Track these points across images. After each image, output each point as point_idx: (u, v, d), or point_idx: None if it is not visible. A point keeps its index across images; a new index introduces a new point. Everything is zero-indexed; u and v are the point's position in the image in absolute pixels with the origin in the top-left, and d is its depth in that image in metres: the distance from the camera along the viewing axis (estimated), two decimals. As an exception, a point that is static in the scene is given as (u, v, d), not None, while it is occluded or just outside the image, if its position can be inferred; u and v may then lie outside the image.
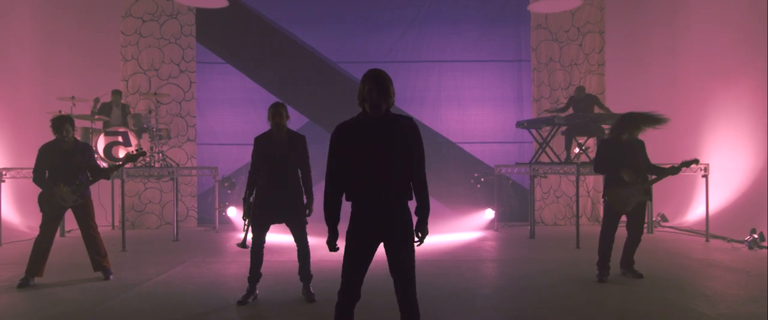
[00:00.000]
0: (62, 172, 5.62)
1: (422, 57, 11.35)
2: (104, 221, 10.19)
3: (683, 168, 5.71)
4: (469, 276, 6.28)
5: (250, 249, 4.94)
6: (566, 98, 10.63)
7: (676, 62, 10.56)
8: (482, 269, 6.77)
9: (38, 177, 5.67)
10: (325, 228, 3.27)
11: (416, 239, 3.24)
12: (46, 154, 5.65)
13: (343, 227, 3.25)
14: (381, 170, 3.15)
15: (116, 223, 10.09)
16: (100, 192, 9.75)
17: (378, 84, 3.12)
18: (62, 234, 9.13)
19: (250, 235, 4.92)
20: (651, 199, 5.61)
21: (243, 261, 5.77)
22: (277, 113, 4.94)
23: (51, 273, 5.89)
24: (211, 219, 10.36)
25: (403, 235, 3.20)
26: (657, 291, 5.27)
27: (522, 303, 5.04)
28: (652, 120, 5.47)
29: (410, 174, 3.22)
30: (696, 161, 5.74)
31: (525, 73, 11.31)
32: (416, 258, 3.28)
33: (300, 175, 5.03)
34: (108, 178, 6.02)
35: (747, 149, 9.04)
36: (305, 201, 5.03)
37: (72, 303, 5.02)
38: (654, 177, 5.67)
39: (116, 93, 9.52)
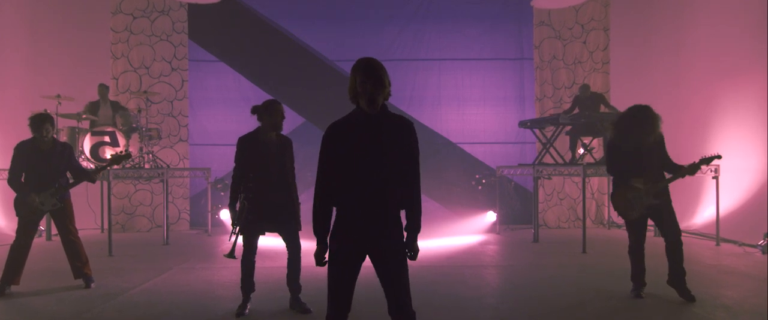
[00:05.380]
0: (39, 174, 5.29)
1: (421, 55, 11.05)
2: (93, 224, 9.91)
3: (702, 166, 5.04)
4: (473, 283, 5.96)
5: (240, 258, 4.62)
6: (570, 97, 10.34)
7: (683, 59, 10.27)
8: (486, 276, 6.45)
9: (13, 178, 5.33)
10: (311, 229, 2.96)
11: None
12: (22, 154, 5.33)
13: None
14: (372, 175, 2.82)
15: (105, 226, 9.77)
16: (89, 195, 9.45)
17: (371, 74, 2.79)
18: (49, 238, 8.83)
19: (240, 241, 4.59)
20: (668, 201, 5.05)
21: (234, 268, 5.46)
22: (280, 112, 4.58)
23: (29, 281, 5.56)
24: (203, 222, 10.03)
25: (393, 249, 2.87)
26: (672, 301, 4.95)
27: (530, 314, 4.73)
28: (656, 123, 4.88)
29: (404, 181, 2.90)
30: (718, 157, 5.20)
31: (527, 71, 11.02)
32: (415, 263, 2.96)
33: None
34: (92, 181, 5.67)
35: (757, 149, 8.74)
36: None
37: (47, 314, 4.71)
38: (669, 176, 5.06)
39: (103, 87, 9.15)
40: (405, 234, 2.94)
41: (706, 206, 9.36)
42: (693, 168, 4.99)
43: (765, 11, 8.40)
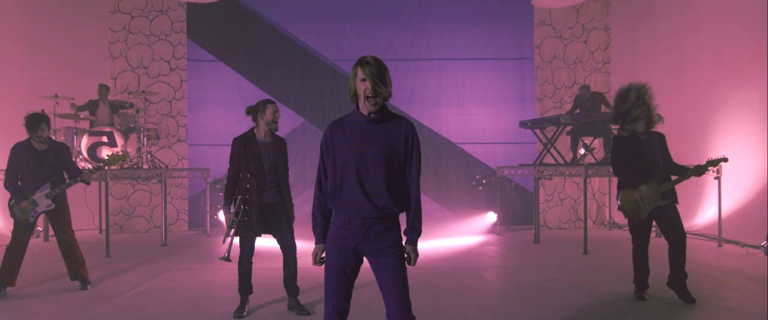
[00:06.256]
0: (34, 174, 5.23)
1: (421, 55, 10.99)
2: (91, 225, 9.85)
3: (709, 168, 5.01)
4: (473, 284, 5.89)
5: (237, 260, 4.56)
6: (571, 97, 10.29)
7: (684, 59, 10.21)
8: (487, 277, 6.39)
9: (10, 180, 5.27)
10: (310, 231, 2.90)
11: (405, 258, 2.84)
12: (18, 155, 5.27)
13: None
14: (370, 175, 2.75)
15: (103, 227, 9.71)
16: (87, 195, 9.40)
17: (371, 72, 2.70)
18: (46, 239, 8.77)
19: (235, 242, 4.53)
20: (676, 201, 4.99)
21: (232, 269, 5.41)
22: (274, 111, 4.55)
23: (25, 282, 5.52)
24: (202, 222, 9.98)
25: (389, 252, 2.78)
26: (675, 303, 4.89)
27: (531, 316, 4.67)
28: (646, 94, 4.90)
29: (404, 183, 2.82)
30: (724, 159, 5.13)
31: (528, 71, 10.96)
32: (415, 264, 2.89)
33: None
34: (88, 182, 5.60)
35: (759, 149, 8.68)
36: None
37: (44, 316, 4.64)
38: (675, 177, 4.97)
39: (103, 88, 9.10)
40: (404, 237, 2.86)
41: (708, 207, 9.31)
42: (700, 170, 4.92)
43: (766, 11, 8.34)
